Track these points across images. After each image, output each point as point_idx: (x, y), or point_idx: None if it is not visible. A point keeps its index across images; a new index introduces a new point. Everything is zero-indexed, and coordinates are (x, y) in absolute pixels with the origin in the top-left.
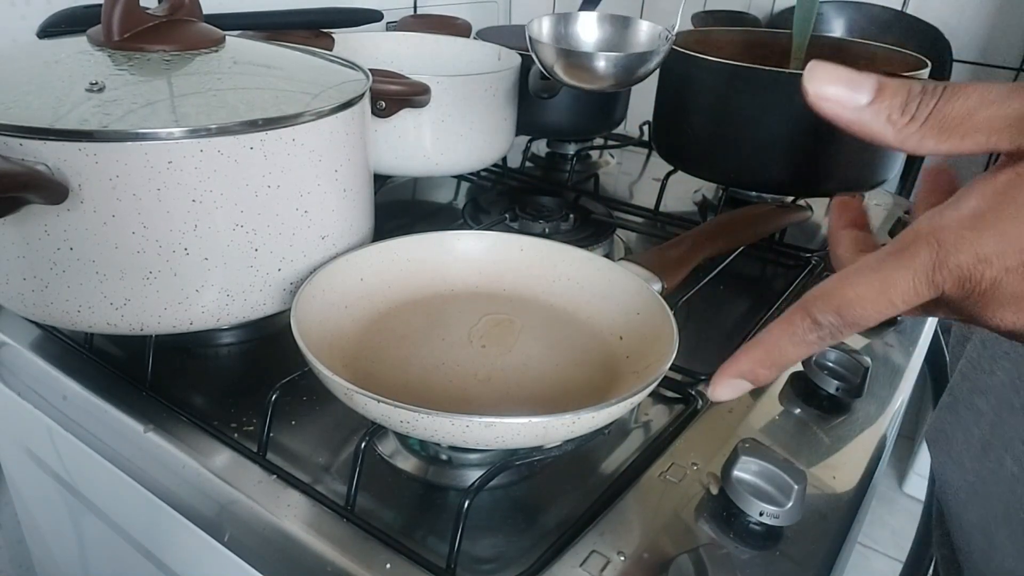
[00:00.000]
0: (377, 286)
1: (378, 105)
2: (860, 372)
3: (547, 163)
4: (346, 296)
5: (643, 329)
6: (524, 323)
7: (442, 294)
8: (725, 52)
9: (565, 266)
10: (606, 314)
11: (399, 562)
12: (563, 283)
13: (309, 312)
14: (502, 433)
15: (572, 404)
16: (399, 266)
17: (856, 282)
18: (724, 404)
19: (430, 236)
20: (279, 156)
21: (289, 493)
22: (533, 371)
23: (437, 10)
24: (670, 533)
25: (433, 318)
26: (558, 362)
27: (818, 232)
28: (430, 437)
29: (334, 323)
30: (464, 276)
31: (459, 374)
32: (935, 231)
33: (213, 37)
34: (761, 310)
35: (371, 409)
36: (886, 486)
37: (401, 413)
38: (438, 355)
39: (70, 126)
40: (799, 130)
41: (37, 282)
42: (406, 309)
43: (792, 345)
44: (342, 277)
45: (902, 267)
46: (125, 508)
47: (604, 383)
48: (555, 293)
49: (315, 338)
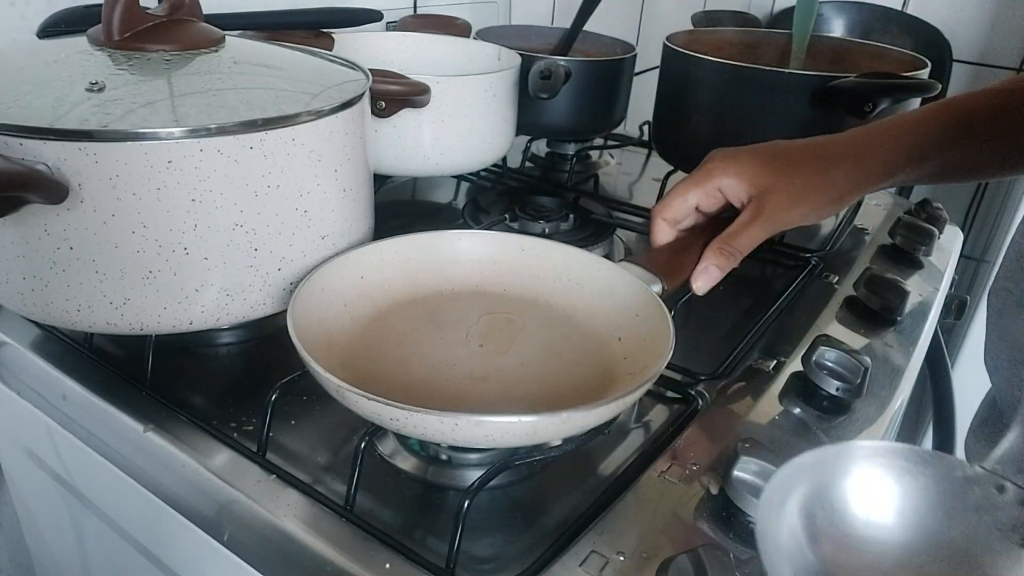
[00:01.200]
0: (377, 284)
1: (378, 105)
2: (860, 372)
3: (547, 163)
4: (345, 294)
5: (641, 331)
6: (523, 323)
7: (442, 293)
8: (725, 52)
9: (565, 266)
10: (605, 315)
11: (399, 562)
12: (563, 283)
13: (307, 310)
14: (491, 432)
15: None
16: (399, 265)
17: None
18: (724, 404)
19: (430, 235)
20: (279, 156)
21: (289, 493)
22: (530, 371)
23: (437, 10)
24: (670, 533)
25: (432, 317)
26: (555, 362)
27: (818, 232)
28: (420, 435)
29: (333, 321)
30: (464, 275)
31: (457, 373)
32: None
33: (213, 37)
34: (761, 310)
35: (363, 407)
36: None
37: (391, 411)
38: (437, 354)
39: (70, 126)
40: (799, 130)
41: (37, 281)
42: (406, 308)
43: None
44: (341, 275)
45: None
46: (125, 508)
47: (600, 384)
48: (555, 293)
49: (313, 336)
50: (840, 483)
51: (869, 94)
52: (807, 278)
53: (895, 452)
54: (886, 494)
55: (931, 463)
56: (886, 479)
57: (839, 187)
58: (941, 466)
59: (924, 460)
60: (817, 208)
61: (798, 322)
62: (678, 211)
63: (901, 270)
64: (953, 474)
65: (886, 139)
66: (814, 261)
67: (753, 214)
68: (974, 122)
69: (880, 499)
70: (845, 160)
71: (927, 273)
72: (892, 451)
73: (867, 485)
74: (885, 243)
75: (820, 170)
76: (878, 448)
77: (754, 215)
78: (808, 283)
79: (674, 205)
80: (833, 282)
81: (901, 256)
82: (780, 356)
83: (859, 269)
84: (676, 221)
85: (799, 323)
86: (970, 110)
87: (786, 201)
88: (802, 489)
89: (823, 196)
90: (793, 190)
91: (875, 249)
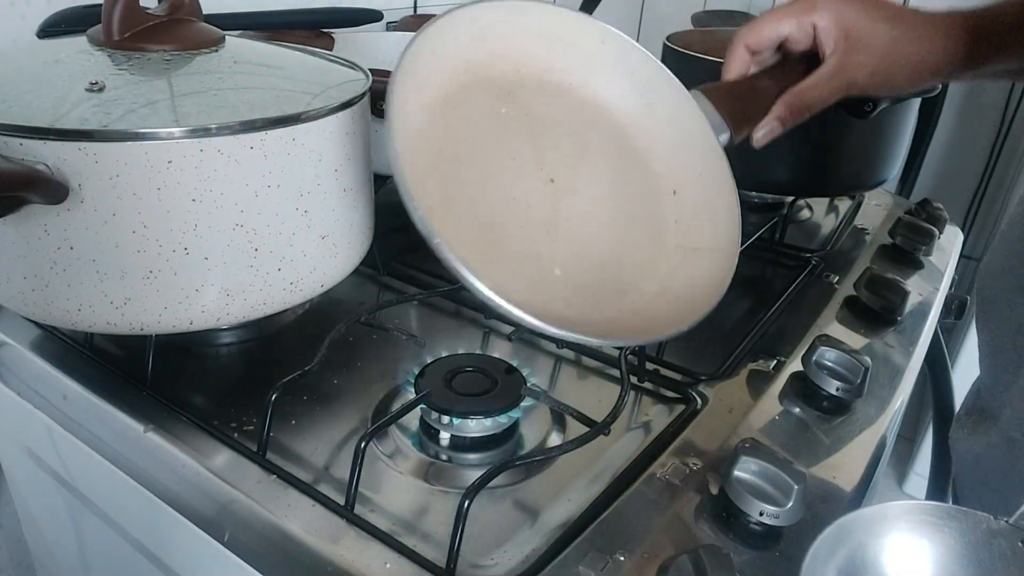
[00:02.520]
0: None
1: (378, 105)
2: (860, 372)
3: None
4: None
5: (700, 192)
6: (589, 141)
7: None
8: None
9: (639, 76)
10: (665, 154)
11: (399, 562)
12: (635, 98)
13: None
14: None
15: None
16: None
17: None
18: (724, 404)
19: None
20: (279, 156)
21: (289, 493)
22: (594, 228)
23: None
24: (670, 533)
25: (503, 117)
26: (616, 213)
27: (818, 232)
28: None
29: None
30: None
31: (527, 218)
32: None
33: (213, 37)
34: (761, 310)
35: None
36: (886, 486)
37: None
38: (508, 186)
39: (70, 126)
40: (799, 130)
41: (37, 281)
42: (476, 95)
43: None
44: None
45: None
46: (125, 508)
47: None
48: (625, 109)
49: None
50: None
51: None
52: (807, 278)
53: (922, 510)
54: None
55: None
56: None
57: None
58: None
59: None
60: (898, 80)
61: (798, 322)
62: (766, 39)
63: (901, 270)
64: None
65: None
66: (814, 261)
67: (834, 69)
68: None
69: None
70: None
71: (927, 273)
72: (919, 510)
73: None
74: (885, 243)
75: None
76: (906, 508)
77: (835, 70)
78: (808, 283)
79: (764, 31)
80: (833, 282)
81: (901, 256)
82: (780, 356)
83: (859, 269)
84: (759, 50)
85: (799, 323)
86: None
87: (872, 63)
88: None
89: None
90: (881, 53)
91: (875, 249)
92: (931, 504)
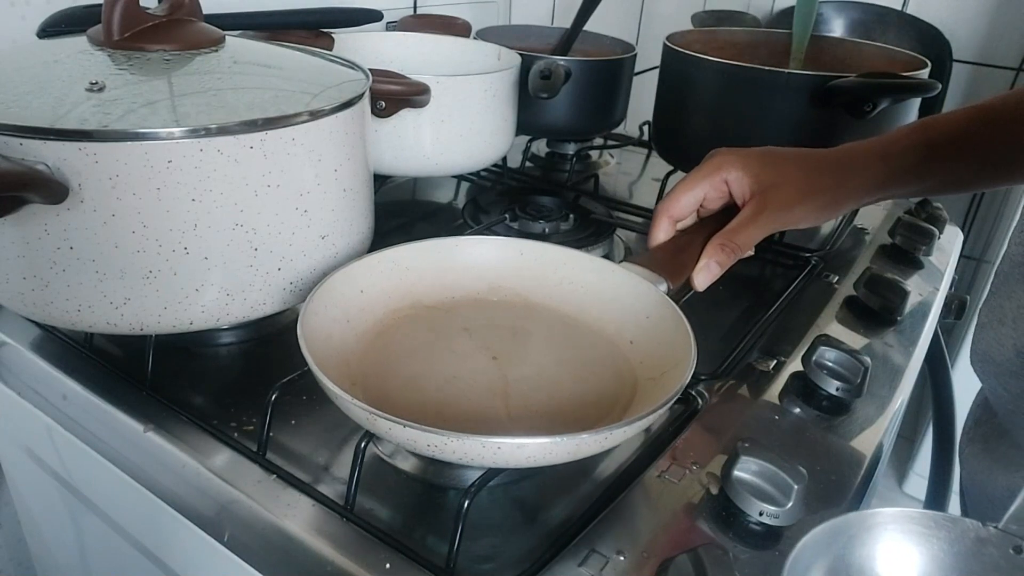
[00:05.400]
0: (377, 297)
1: (378, 105)
2: (860, 372)
3: (547, 163)
4: (347, 311)
5: (654, 333)
6: (532, 329)
7: (444, 303)
8: (725, 52)
9: (567, 270)
10: (613, 318)
11: (399, 562)
12: (567, 287)
13: (315, 331)
14: (534, 453)
15: (593, 414)
16: (398, 275)
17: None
18: (724, 404)
19: (426, 244)
20: (279, 156)
21: (289, 493)
22: (548, 381)
23: (437, 10)
24: (670, 533)
25: (438, 329)
26: (571, 370)
27: (818, 232)
28: (459, 459)
29: (339, 340)
30: (465, 283)
31: (474, 389)
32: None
33: (213, 37)
34: (761, 310)
35: (397, 434)
36: (886, 486)
37: (430, 437)
38: (450, 369)
39: (70, 126)
40: (799, 130)
41: (37, 281)
42: (409, 320)
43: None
44: (341, 291)
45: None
46: (125, 508)
47: (621, 390)
48: (561, 298)
49: (321, 356)
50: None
51: (869, 94)
52: (807, 278)
53: (911, 518)
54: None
55: (945, 526)
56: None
57: (834, 195)
58: (955, 529)
59: (938, 524)
60: (815, 211)
61: (798, 322)
62: (686, 206)
63: (901, 270)
64: (967, 536)
65: (866, 161)
66: (814, 261)
67: (755, 210)
68: (936, 146)
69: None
70: (833, 174)
71: (927, 273)
72: (908, 517)
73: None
74: (885, 243)
75: (817, 175)
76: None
77: (756, 211)
78: (808, 283)
79: (682, 200)
80: (833, 282)
81: (901, 256)
82: (780, 356)
83: (859, 269)
84: (681, 218)
85: (799, 323)
86: (935, 133)
87: (788, 199)
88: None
89: (820, 199)
90: (795, 189)
91: (875, 249)
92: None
